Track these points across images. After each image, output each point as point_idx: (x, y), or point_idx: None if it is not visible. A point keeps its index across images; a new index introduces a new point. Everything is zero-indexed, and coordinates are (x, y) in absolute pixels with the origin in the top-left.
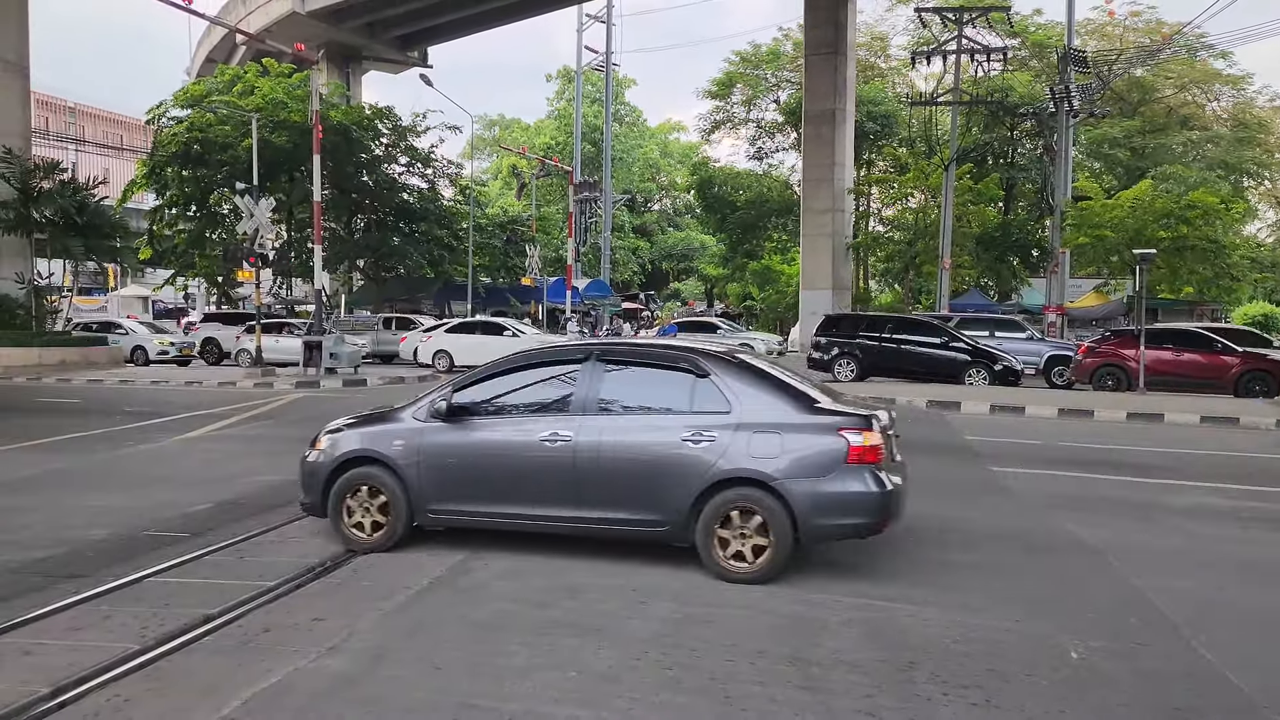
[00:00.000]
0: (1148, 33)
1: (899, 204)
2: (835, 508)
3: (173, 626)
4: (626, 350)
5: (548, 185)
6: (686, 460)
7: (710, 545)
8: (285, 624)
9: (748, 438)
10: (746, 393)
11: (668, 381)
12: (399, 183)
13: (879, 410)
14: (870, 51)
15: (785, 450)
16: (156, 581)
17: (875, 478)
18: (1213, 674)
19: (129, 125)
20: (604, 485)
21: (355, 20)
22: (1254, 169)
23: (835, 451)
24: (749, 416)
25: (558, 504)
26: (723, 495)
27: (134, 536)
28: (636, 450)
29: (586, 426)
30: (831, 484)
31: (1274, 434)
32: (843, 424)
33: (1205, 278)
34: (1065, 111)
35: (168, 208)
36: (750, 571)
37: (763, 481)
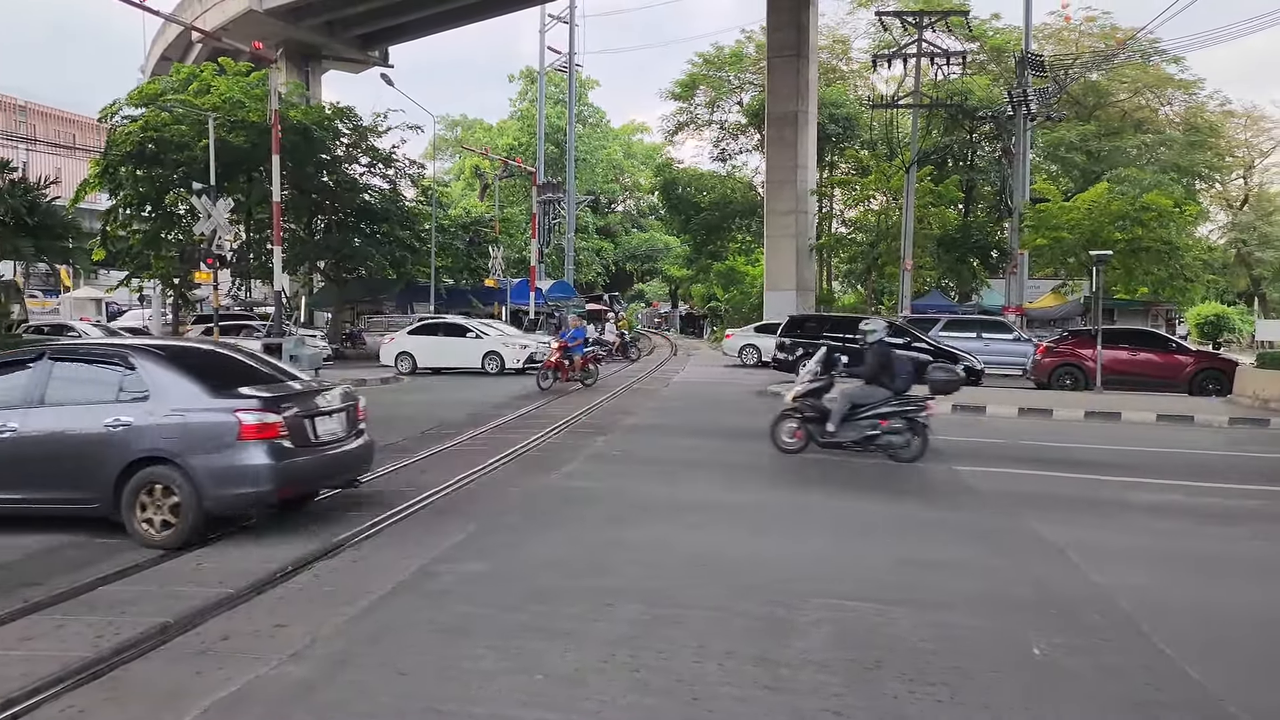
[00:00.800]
0: (1102, 38)
1: (861, 206)
2: (232, 479)
3: (129, 635)
4: (74, 349)
5: (511, 186)
6: (109, 444)
7: (132, 517)
8: (245, 631)
9: (160, 422)
10: (165, 382)
11: (102, 375)
12: (360, 183)
13: (327, 391)
14: (832, 54)
15: (189, 431)
16: (111, 589)
17: (271, 451)
18: (1172, 668)
19: (82, 124)
20: (46, 470)
21: (315, 18)
22: (1206, 172)
23: (229, 429)
24: (163, 403)
25: (12, 488)
26: (141, 473)
27: (87, 543)
28: (68, 438)
29: (30, 418)
30: (227, 458)
31: (1227, 431)
32: (239, 406)
33: (1160, 278)
34: (1023, 115)
35: (122, 208)
36: (162, 538)
37: (169, 459)
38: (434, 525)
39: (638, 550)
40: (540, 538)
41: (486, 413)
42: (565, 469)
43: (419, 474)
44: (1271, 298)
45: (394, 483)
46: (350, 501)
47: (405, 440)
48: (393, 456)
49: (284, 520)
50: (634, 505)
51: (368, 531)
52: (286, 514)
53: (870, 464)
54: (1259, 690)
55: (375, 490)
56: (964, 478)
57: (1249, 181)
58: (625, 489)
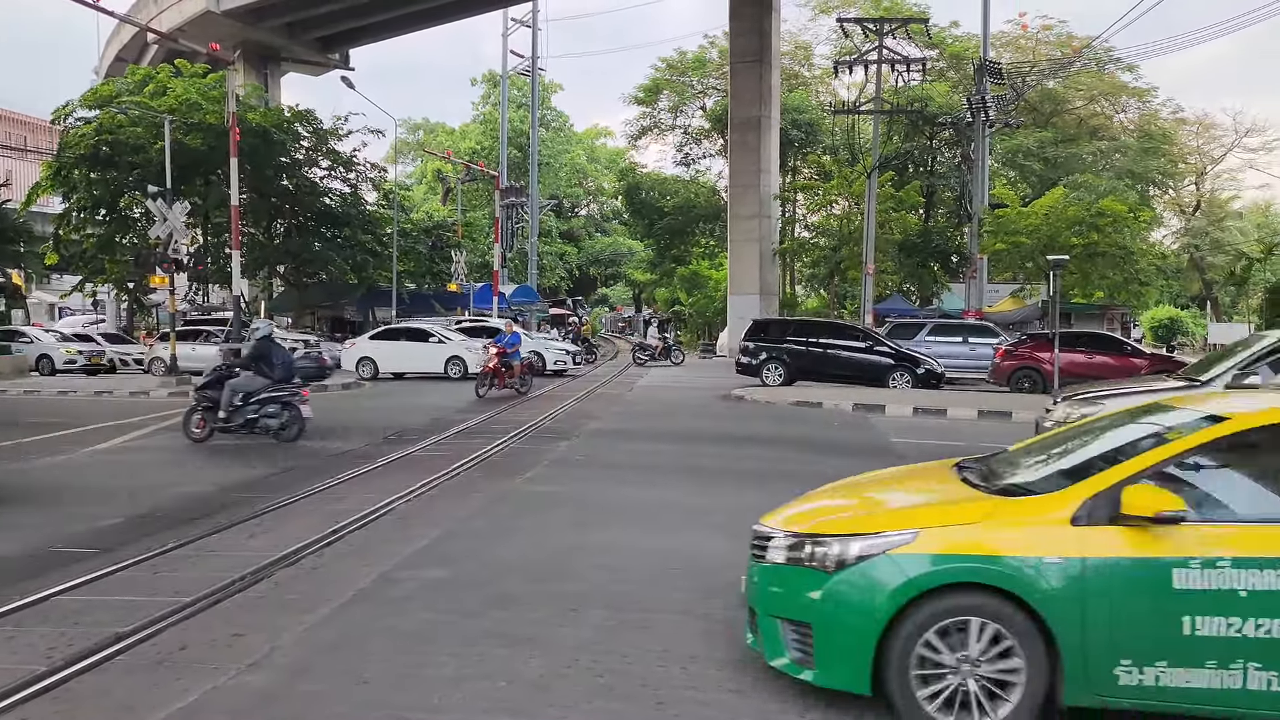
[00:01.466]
0: (1059, 46)
1: (823, 210)
2: None
3: (82, 646)
4: None
5: (474, 190)
6: None
7: None
8: (203, 641)
9: None
10: None
11: None
12: (320, 187)
13: None
14: (794, 60)
15: None
16: (65, 599)
17: None
18: None
19: (34, 126)
20: None
21: (274, 20)
22: (1159, 178)
23: None
24: None
25: None
26: None
27: (40, 553)
28: None
29: None
30: None
31: None
32: None
33: (1115, 282)
34: (982, 121)
35: (75, 211)
36: None
37: None
38: (396, 532)
39: (601, 554)
40: (503, 543)
41: (449, 418)
42: (528, 474)
43: (380, 480)
44: (1223, 302)
45: (354, 489)
46: (308, 509)
47: (367, 446)
48: (353, 463)
49: (241, 529)
50: (597, 509)
51: (328, 539)
52: (243, 522)
53: (840, 465)
54: None
55: (336, 497)
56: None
57: (1201, 188)
58: (589, 493)
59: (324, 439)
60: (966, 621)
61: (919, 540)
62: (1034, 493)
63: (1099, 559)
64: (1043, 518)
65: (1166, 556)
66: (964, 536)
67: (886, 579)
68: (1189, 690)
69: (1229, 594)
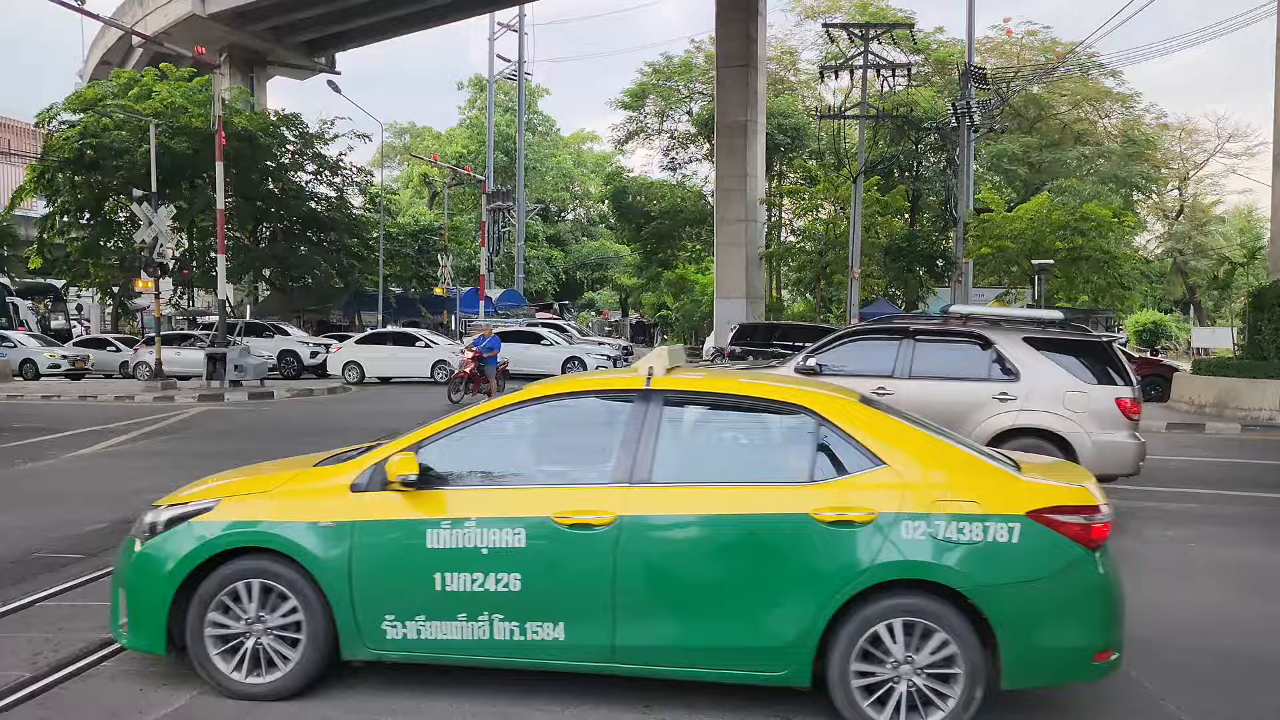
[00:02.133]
0: (1043, 51)
1: (810, 215)
2: None
3: (68, 652)
4: None
5: (460, 194)
6: None
7: None
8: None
9: None
10: None
11: None
12: (306, 191)
13: None
14: (780, 65)
15: None
16: (50, 605)
17: None
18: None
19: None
20: None
21: (260, 24)
22: (1142, 183)
23: None
24: None
25: None
26: None
27: (25, 559)
28: None
29: None
30: None
31: (1164, 436)
32: None
33: (1099, 287)
34: (967, 126)
35: (59, 215)
36: None
37: None
38: None
39: None
40: None
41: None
42: None
43: None
44: (1206, 306)
45: None
46: None
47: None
48: None
49: None
50: None
51: None
52: None
53: None
54: (1196, 689)
55: None
56: None
57: (1184, 193)
58: None
59: (313, 438)
60: (251, 584)
61: (218, 508)
62: None
63: (367, 521)
64: (327, 485)
65: (423, 518)
66: (256, 505)
67: (180, 545)
68: (448, 642)
69: (473, 551)
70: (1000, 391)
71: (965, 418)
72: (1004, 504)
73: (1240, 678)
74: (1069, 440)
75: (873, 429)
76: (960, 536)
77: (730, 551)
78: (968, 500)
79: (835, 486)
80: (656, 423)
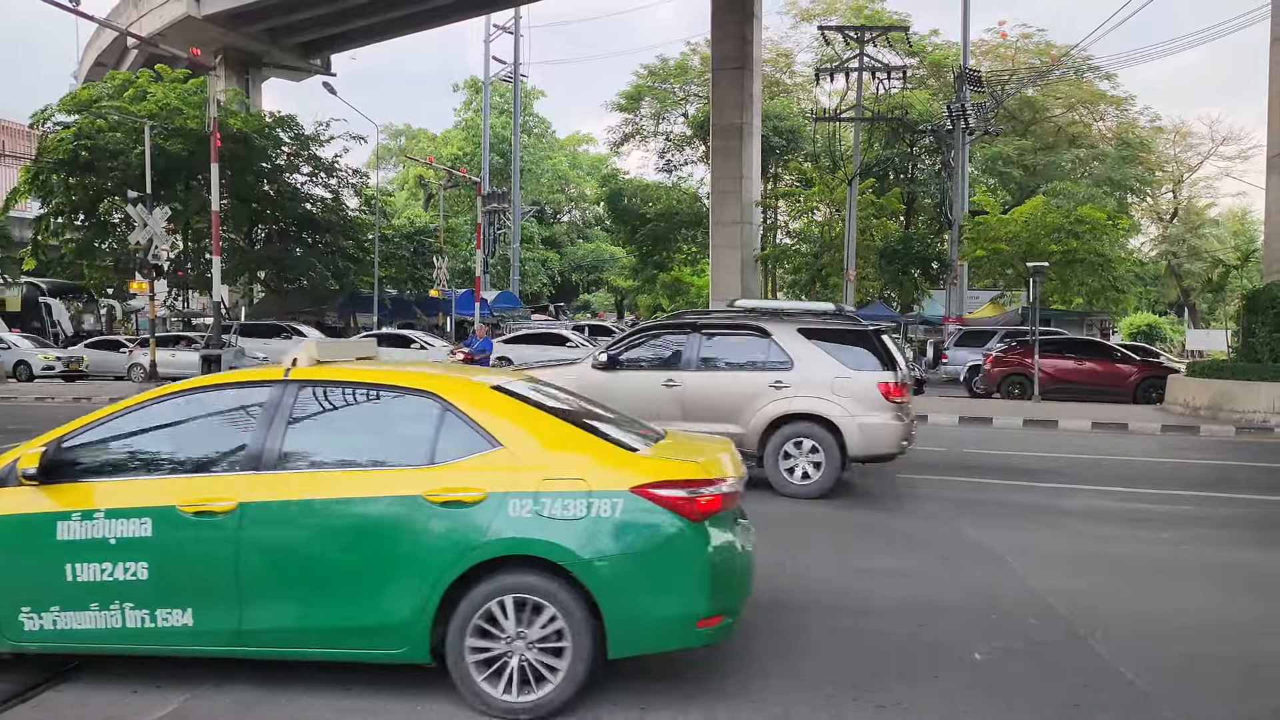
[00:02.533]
0: (1038, 54)
1: (805, 217)
2: None
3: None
4: None
5: (456, 196)
6: None
7: None
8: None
9: None
10: None
11: None
12: (301, 193)
13: None
14: (776, 68)
15: None
16: None
17: None
18: (1108, 670)
19: (12, 130)
20: None
21: (255, 25)
22: (1137, 186)
23: None
24: None
25: None
26: None
27: None
28: None
29: None
30: None
31: (1159, 438)
32: None
33: (1094, 289)
34: (961, 129)
35: (54, 216)
36: None
37: None
38: None
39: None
40: None
41: None
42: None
43: None
44: (1201, 308)
45: None
46: None
47: None
48: None
49: None
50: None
51: None
52: None
53: None
54: (1190, 692)
55: None
56: (904, 485)
57: (1178, 195)
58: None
59: None
60: None
61: None
62: None
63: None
64: None
65: (54, 511)
66: None
67: None
68: (83, 631)
69: (101, 542)
70: (776, 380)
71: (746, 406)
72: (609, 481)
73: (1234, 680)
74: (836, 423)
75: (495, 413)
76: (565, 513)
77: (347, 534)
78: (575, 478)
79: (451, 468)
80: (288, 412)
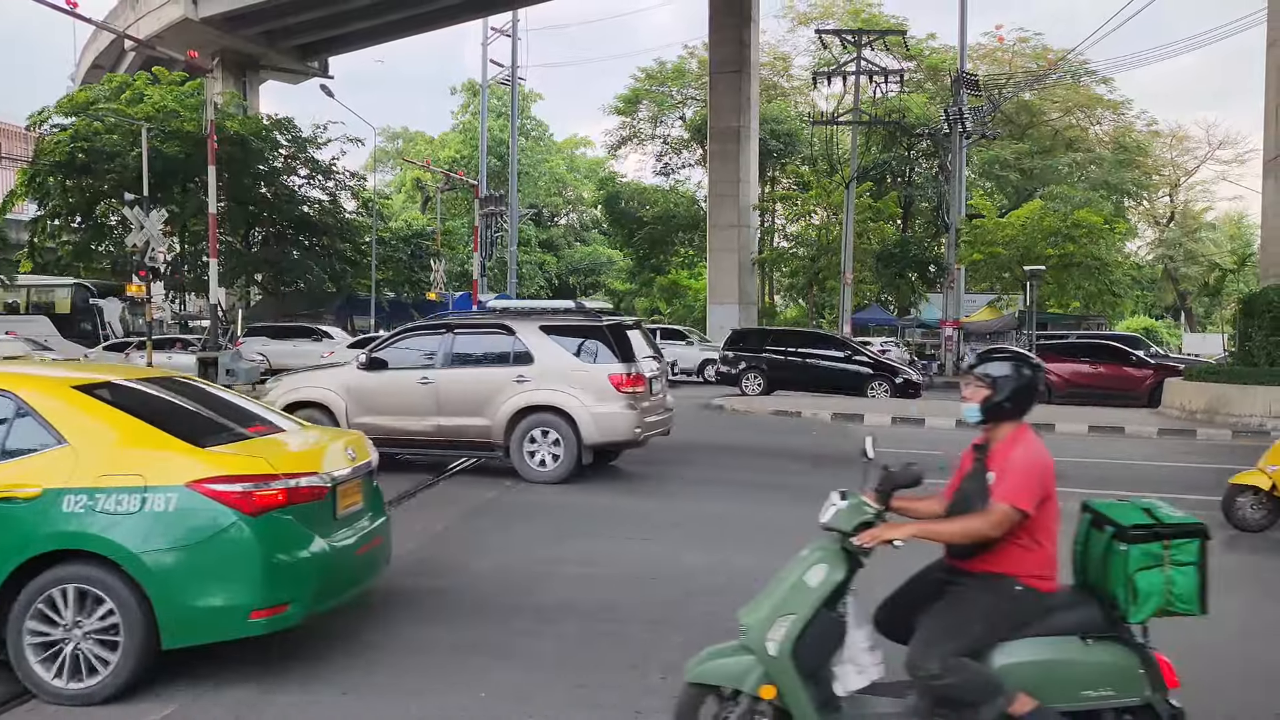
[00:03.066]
0: (1035, 58)
1: (802, 220)
2: None
3: None
4: None
5: (453, 199)
6: None
7: None
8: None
9: None
10: None
11: None
12: (299, 195)
13: None
14: (773, 71)
15: None
16: None
17: None
18: None
19: (8, 133)
20: None
21: (253, 28)
22: (1134, 190)
23: None
24: None
25: None
26: None
27: None
28: None
29: None
30: None
31: (1156, 442)
32: None
33: (1091, 293)
34: (959, 133)
35: (50, 218)
36: None
37: None
38: None
39: (583, 565)
40: (484, 553)
41: None
42: (506, 482)
43: None
44: (1197, 312)
45: None
46: None
47: None
48: None
49: None
50: (580, 518)
51: None
52: None
53: (823, 480)
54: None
55: None
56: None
57: (1175, 199)
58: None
59: None
60: None
61: None
62: None
63: None
64: None
65: None
66: None
67: None
68: None
69: None
70: (519, 375)
71: (492, 399)
72: (167, 476)
73: (1233, 685)
74: (571, 413)
75: (67, 411)
76: (118, 508)
77: None
78: (133, 474)
79: (12, 465)
80: None
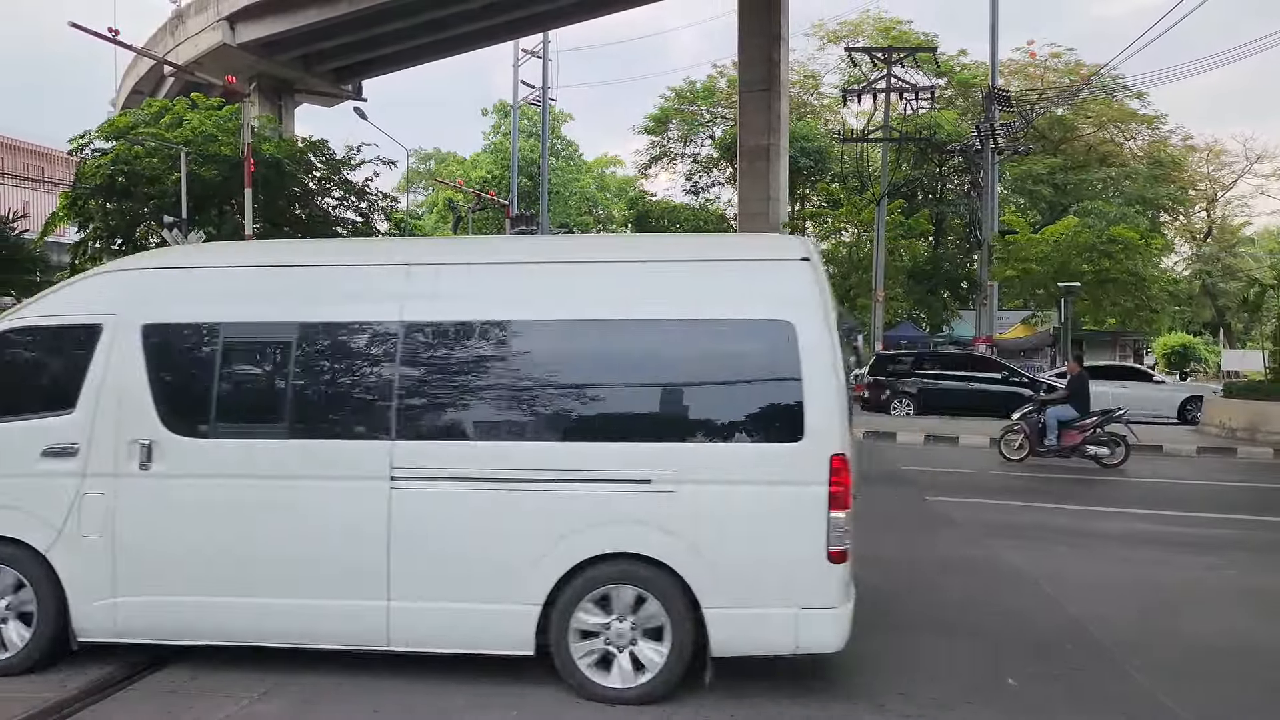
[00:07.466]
0: (1068, 73)
1: (833, 238)
2: None
3: (96, 676)
4: None
5: (484, 218)
6: None
7: None
8: (213, 670)
9: None
10: None
11: None
12: (333, 216)
13: None
14: (803, 89)
15: None
16: None
17: None
18: (1146, 697)
19: (50, 157)
20: None
21: (288, 53)
22: (1170, 205)
23: None
24: None
25: None
26: None
27: None
28: None
29: None
30: None
31: (1195, 461)
32: None
33: (1127, 309)
34: (990, 149)
35: (91, 241)
36: None
37: None
38: None
39: None
40: None
41: None
42: None
43: None
44: (1236, 328)
45: None
46: None
47: None
48: None
49: None
50: None
51: None
52: None
53: None
54: (1230, 716)
55: None
56: (937, 508)
57: (1212, 214)
58: None
59: None
60: None
61: None
62: None
63: None
64: None
65: None
66: None
67: None
68: None
69: None
70: None
71: None
72: None
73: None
74: None
75: None
76: None
77: None
78: None
79: None
80: None
